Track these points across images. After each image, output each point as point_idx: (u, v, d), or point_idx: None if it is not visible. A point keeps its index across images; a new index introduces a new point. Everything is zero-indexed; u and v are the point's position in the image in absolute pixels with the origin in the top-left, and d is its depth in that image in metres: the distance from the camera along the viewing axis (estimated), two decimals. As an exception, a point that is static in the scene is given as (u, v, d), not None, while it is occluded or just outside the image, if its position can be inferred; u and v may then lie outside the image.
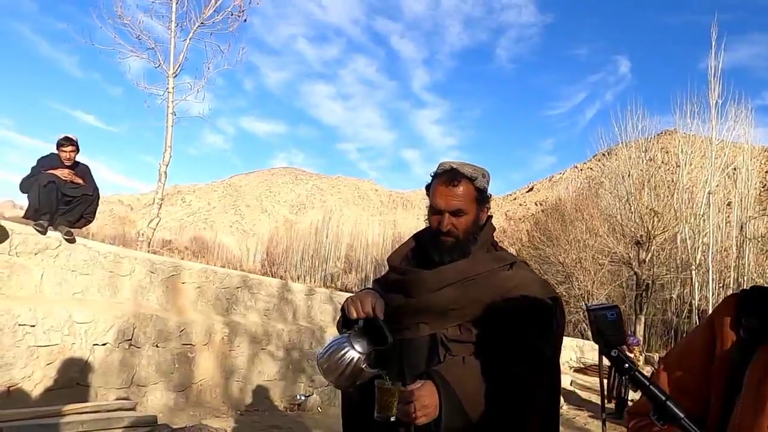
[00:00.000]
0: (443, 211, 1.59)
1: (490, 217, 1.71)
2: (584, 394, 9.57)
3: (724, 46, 18.92)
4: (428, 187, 1.65)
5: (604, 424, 0.97)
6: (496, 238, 1.74)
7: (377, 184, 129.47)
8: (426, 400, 1.34)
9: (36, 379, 4.63)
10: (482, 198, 1.63)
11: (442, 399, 1.35)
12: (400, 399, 1.34)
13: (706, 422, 0.88)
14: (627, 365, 0.82)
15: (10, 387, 4.43)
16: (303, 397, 6.61)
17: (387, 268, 1.80)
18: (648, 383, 0.81)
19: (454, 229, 1.58)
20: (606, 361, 0.88)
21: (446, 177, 1.60)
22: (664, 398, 0.79)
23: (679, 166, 19.95)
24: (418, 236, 1.76)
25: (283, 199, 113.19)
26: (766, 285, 0.92)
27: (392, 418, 1.34)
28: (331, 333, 8.11)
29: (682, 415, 0.77)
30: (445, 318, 1.52)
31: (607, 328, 0.84)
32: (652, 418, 0.81)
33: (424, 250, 1.67)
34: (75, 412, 3.22)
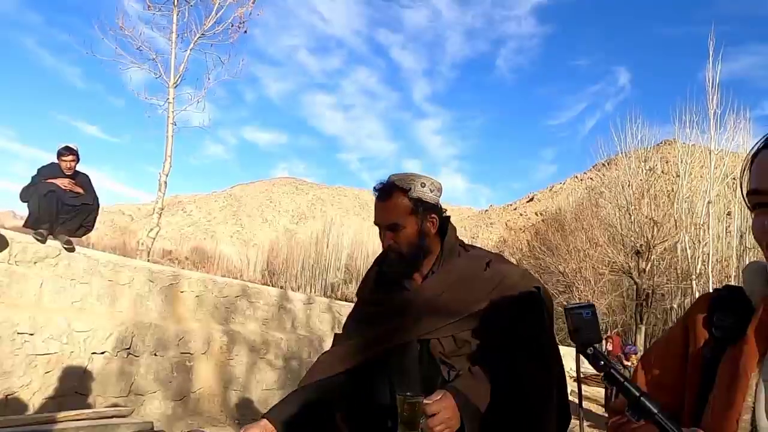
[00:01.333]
0: (381, 227, 1.57)
1: (447, 218, 1.64)
2: (585, 404, 9.56)
3: (722, 56, 18.92)
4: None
5: (582, 420, 1.00)
6: (497, 249, 1.74)
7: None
8: (448, 412, 1.33)
9: (34, 388, 4.64)
10: (421, 208, 1.56)
11: (461, 411, 1.34)
12: (422, 413, 1.33)
13: (681, 418, 0.89)
14: (602, 362, 0.83)
15: (7, 395, 4.45)
16: (301, 407, 6.61)
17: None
18: (623, 380, 0.82)
19: (394, 245, 1.55)
20: (588, 367, 0.90)
21: (379, 192, 1.58)
22: (638, 394, 0.79)
23: (678, 176, 19.96)
24: (378, 261, 1.72)
25: (283, 209, 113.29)
26: (738, 285, 0.94)
27: None
28: (329, 342, 8.11)
29: (655, 411, 0.78)
30: (435, 330, 1.51)
31: (584, 327, 0.86)
32: (627, 413, 0.82)
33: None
34: (72, 419, 3.24)
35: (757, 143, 0.87)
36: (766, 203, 0.82)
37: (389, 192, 1.55)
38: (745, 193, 0.86)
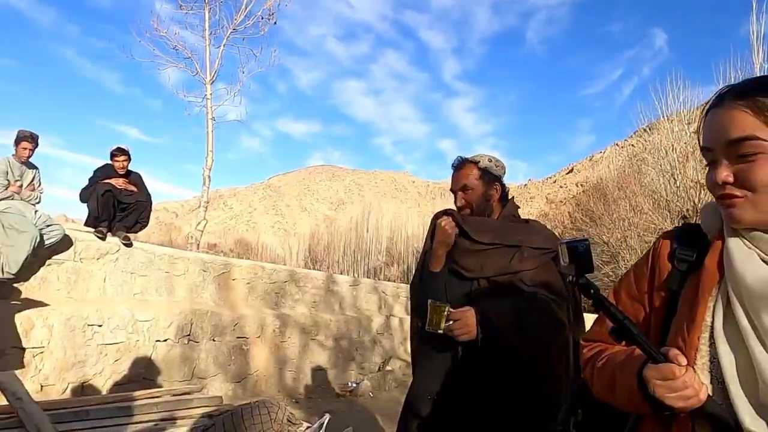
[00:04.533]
0: (455, 191, 1.96)
1: (508, 191, 2.02)
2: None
3: (766, 7, 18.10)
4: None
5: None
6: (539, 221, 2.09)
7: (414, 176, 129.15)
8: (469, 320, 1.66)
9: (106, 375, 4.97)
10: (488, 176, 1.94)
11: (480, 324, 1.66)
12: (447, 318, 1.66)
13: None
14: (592, 290, 0.92)
15: (83, 383, 4.79)
16: (354, 384, 6.82)
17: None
18: (609, 304, 0.91)
19: (465, 204, 1.93)
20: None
21: (454, 164, 2.00)
22: (622, 318, 0.89)
23: (724, 136, 19.27)
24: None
25: (321, 197, 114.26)
26: (697, 222, 1.04)
27: (440, 332, 1.67)
28: (378, 322, 8.30)
29: (636, 332, 0.88)
30: (480, 272, 1.82)
31: (580, 258, 0.94)
32: (610, 335, 0.91)
33: None
34: (149, 396, 3.50)
35: (709, 100, 0.95)
36: (715, 159, 0.90)
37: (462, 163, 1.98)
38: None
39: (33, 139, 5.04)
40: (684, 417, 0.87)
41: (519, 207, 2.04)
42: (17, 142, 4.99)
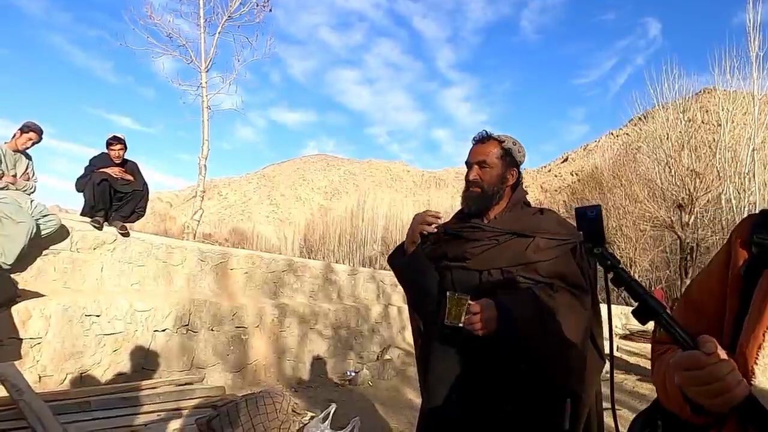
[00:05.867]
0: (471, 164, 1.84)
1: (522, 184, 1.92)
2: (632, 359, 9.55)
3: (761, -5, 18.04)
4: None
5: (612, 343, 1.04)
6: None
7: (409, 165, 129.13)
8: (490, 314, 1.57)
9: (104, 365, 4.93)
10: (509, 158, 1.84)
11: (499, 317, 1.58)
12: (467, 311, 1.58)
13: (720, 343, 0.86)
14: (609, 261, 0.86)
15: (81, 373, 4.76)
16: (353, 373, 6.82)
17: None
18: (630, 280, 0.83)
19: (479, 179, 1.82)
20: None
21: (477, 137, 1.88)
22: (642, 293, 0.80)
23: (720, 125, 19.25)
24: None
25: (316, 186, 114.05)
26: None
27: (460, 325, 1.58)
28: (376, 311, 8.29)
29: (661, 311, 0.78)
30: (492, 263, 1.74)
31: (589, 225, 0.91)
32: (633, 315, 0.82)
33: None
34: (151, 387, 3.48)
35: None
36: None
37: (486, 138, 1.86)
38: None
39: (40, 133, 4.98)
40: (731, 424, 0.76)
41: (527, 194, 1.96)
42: (23, 131, 4.91)
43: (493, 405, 1.63)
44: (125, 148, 5.76)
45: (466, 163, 1.87)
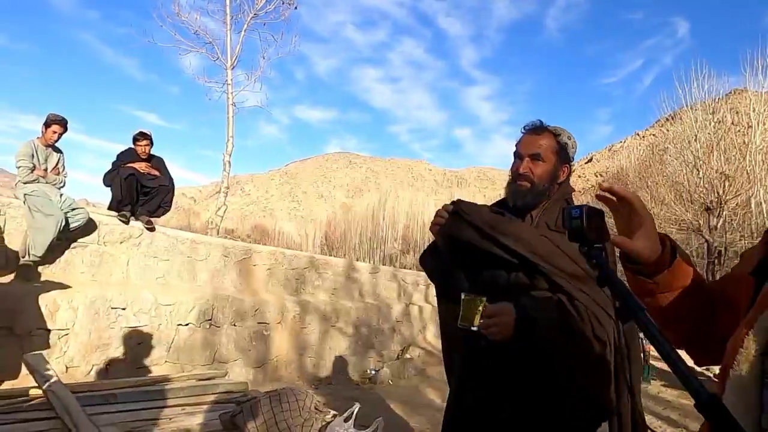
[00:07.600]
0: (522, 155, 1.67)
1: (569, 181, 1.75)
2: (657, 364, 9.38)
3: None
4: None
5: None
6: None
7: (430, 164, 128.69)
8: (506, 318, 1.46)
9: (129, 358, 5.00)
10: (563, 153, 1.68)
11: (516, 323, 1.46)
12: (483, 314, 1.47)
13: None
14: (594, 260, 0.83)
15: (107, 364, 4.83)
16: (374, 371, 6.81)
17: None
18: (613, 278, 0.82)
19: (529, 173, 1.64)
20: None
21: (531, 127, 1.70)
22: (625, 292, 0.79)
23: (751, 127, 18.80)
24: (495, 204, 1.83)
25: (338, 184, 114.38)
26: None
27: (474, 329, 1.47)
28: (397, 310, 8.27)
29: (643, 307, 0.76)
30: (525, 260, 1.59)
31: (574, 225, 0.88)
32: (616, 314, 0.80)
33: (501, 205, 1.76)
34: (174, 380, 3.51)
35: None
36: None
37: (541, 129, 1.69)
38: None
39: (63, 124, 5.05)
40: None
41: (574, 191, 1.79)
42: (47, 124, 4.99)
43: (514, 415, 1.52)
44: (151, 143, 5.82)
45: (515, 153, 1.70)
